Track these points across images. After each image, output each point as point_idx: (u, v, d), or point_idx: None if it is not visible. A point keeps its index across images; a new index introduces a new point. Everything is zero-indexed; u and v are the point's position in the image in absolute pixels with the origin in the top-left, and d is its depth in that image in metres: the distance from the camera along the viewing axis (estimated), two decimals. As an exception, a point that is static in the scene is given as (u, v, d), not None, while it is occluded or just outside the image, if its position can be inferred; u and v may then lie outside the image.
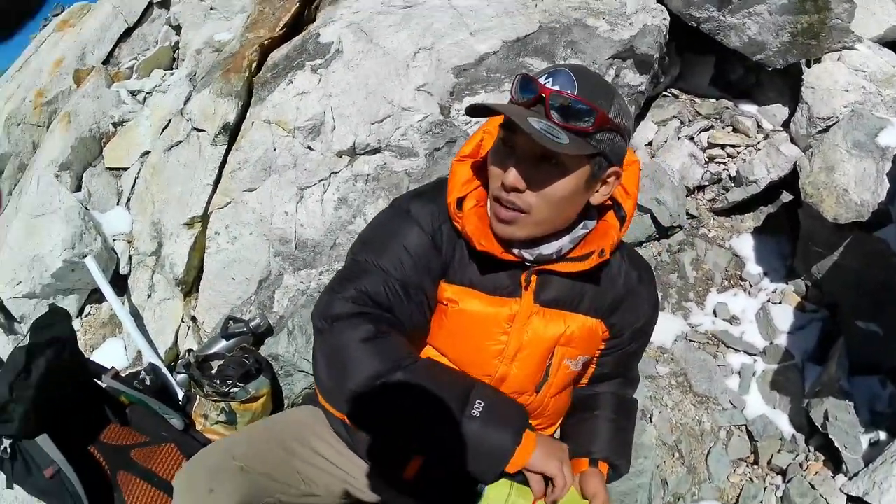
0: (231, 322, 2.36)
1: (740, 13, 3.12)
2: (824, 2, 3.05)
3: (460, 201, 1.20)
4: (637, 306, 1.33)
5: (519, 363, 1.24)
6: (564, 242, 1.20)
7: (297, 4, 3.13)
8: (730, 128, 3.25)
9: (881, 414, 2.56)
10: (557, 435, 1.45)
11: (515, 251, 1.19)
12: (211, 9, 3.87)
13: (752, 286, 3.02)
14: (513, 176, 1.09)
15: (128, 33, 4.20)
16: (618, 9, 2.85)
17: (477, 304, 1.22)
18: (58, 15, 5.12)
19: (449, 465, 1.12)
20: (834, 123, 3.00)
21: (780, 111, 3.41)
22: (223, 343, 2.33)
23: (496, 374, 1.24)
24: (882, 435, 2.48)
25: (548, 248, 1.19)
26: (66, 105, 3.59)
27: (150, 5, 4.28)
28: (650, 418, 2.59)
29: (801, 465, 2.49)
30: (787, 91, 3.39)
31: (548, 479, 1.15)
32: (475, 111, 1.09)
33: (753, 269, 3.07)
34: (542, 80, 1.07)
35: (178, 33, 3.97)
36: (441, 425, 1.11)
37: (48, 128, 3.64)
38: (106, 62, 4.04)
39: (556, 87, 1.06)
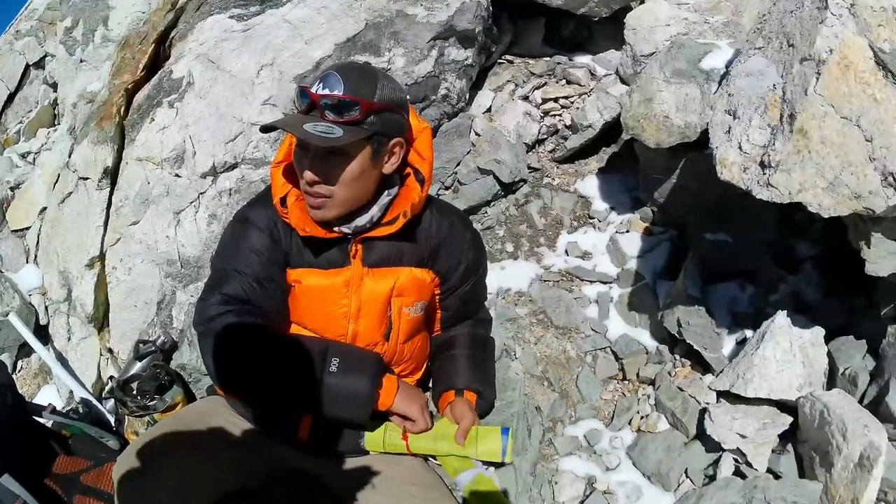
0: (141, 345, 2.63)
1: (553, -28, 3.26)
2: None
3: (284, 200, 1.43)
4: (454, 250, 1.52)
5: (364, 319, 1.45)
6: (374, 211, 1.39)
7: (153, 45, 3.35)
8: (563, 81, 3.44)
9: (743, 314, 2.72)
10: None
11: (336, 228, 1.41)
12: (81, 61, 4.05)
13: (600, 222, 3.15)
14: (308, 175, 1.29)
15: (10, 98, 4.34)
16: (435, -7, 3.08)
17: (316, 279, 1.45)
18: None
19: (329, 418, 1.36)
20: (657, 59, 3.11)
21: (614, 57, 3.59)
22: (138, 365, 2.60)
23: (348, 332, 1.44)
24: (748, 333, 2.62)
25: (361, 220, 1.38)
26: (-36, 179, 3.76)
27: (27, 68, 4.42)
28: (514, 355, 2.74)
29: (669, 374, 2.62)
30: (619, 37, 3.52)
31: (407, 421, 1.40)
32: (266, 129, 1.33)
33: (600, 206, 3.20)
34: (313, 87, 1.26)
35: (55, 90, 4.13)
36: (310, 387, 1.35)
37: (-49, 204, 3.81)
38: (-6, 131, 4.20)
39: (325, 91, 1.24)
